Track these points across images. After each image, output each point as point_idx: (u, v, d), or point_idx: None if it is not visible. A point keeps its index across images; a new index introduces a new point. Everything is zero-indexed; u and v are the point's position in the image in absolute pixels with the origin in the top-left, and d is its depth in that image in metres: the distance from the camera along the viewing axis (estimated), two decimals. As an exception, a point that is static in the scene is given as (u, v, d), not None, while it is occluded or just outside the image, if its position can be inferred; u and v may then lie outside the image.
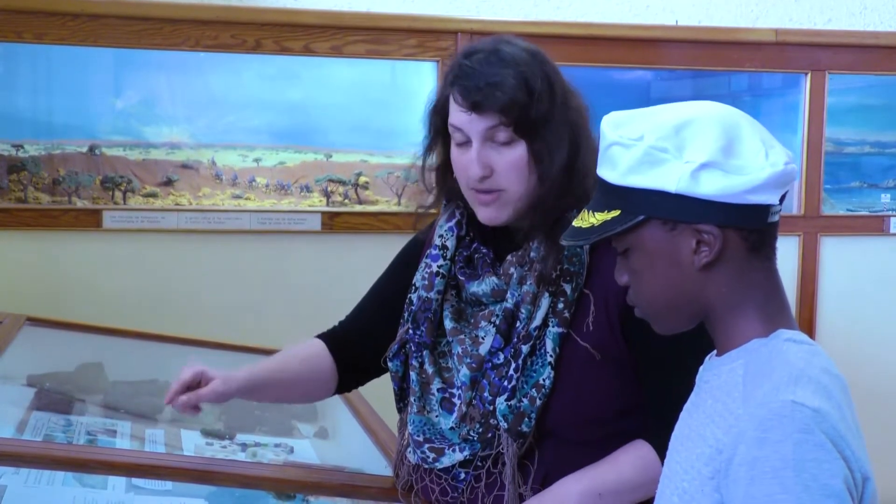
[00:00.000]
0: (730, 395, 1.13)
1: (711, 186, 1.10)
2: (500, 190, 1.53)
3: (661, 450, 1.43)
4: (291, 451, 2.19)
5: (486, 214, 1.55)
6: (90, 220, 3.05)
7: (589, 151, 1.52)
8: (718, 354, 1.20)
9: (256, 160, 3.19)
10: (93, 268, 3.06)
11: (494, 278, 1.56)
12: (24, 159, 3.02)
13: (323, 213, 3.21)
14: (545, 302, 1.52)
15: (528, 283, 1.53)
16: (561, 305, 1.51)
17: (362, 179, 3.26)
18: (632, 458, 1.50)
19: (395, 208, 3.25)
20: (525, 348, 1.51)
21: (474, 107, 1.49)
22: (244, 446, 2.16)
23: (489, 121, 1.50)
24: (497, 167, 1.51)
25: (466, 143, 1.53)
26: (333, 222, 3.21)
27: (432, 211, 1.69)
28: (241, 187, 3.18)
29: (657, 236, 1.14)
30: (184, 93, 3.11)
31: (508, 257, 1.57)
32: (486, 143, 1.51)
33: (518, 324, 1.53)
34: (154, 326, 2.72)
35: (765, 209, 1.12)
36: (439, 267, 1.61)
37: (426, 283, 1.61)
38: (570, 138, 1.51)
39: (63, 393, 2.31)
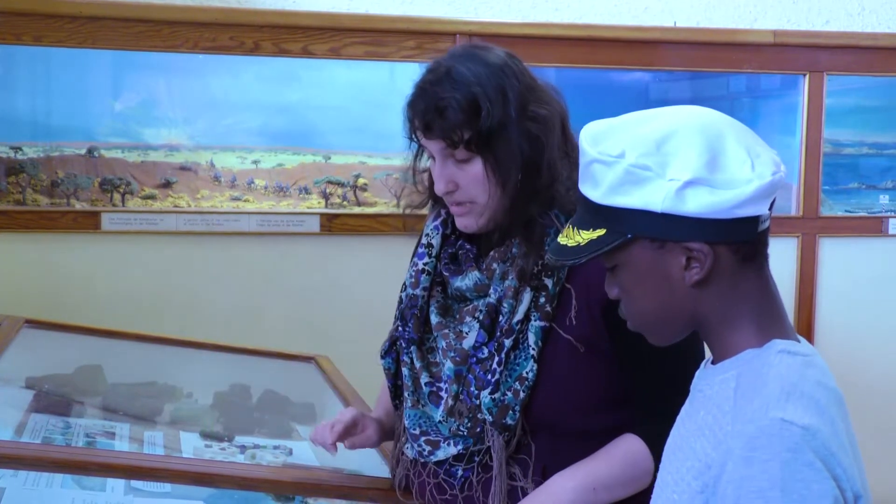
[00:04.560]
0: (720, 408, 1.11)
1: (698, 204, 1.07)
2: (469, 202, 1.56)
3: (650, 441, 1.47)
4: (290, 452, 2.19)
5: (461, 223, 1.60)
6: (89, 222, 3.05)
7: (557, 155, 1.53)
8: (714, 362, 1.18)
9: (255, 162, 3.19)
10: (91, 270, 3.06)
11: (477, 273, 1.59)
12: (23, 161, 3.02)
13: (321, 214, 3.21)
14: (527, 297, 1.54)
15: (510, 278, 1.55)
16: (543, 300, 1.54)
17: (361, 181, 3.26)
18: (622, 452, 1.52)
19: (393, 210, 3.23)
20: (508, 342, 1.53)
21: (425, 129, 1.53)
22: (243, 448, 2.16)
23: (440, 143, 1.53)
24: (460, 182, 1.55)
25: (433, 157, 1.57)
26: (332, 224, 3.21)
27: (422, 212, 1.71)
28: (240, 189, 3.18)
29: (645, 255, 1.12)
30: (182, 95, 3.11)
31: (491, 253, 1.59)
32: (446, 161, 1.54)
33: (501, 318, 1.55)
34: (153, 328, 2.72)
35: (754, 220, 1.10)
36: (425, 264, 1.64)
37: (413, 280, 1.65)
38: (529, 145, 1.52)
39: (62, 395, 2.31)
